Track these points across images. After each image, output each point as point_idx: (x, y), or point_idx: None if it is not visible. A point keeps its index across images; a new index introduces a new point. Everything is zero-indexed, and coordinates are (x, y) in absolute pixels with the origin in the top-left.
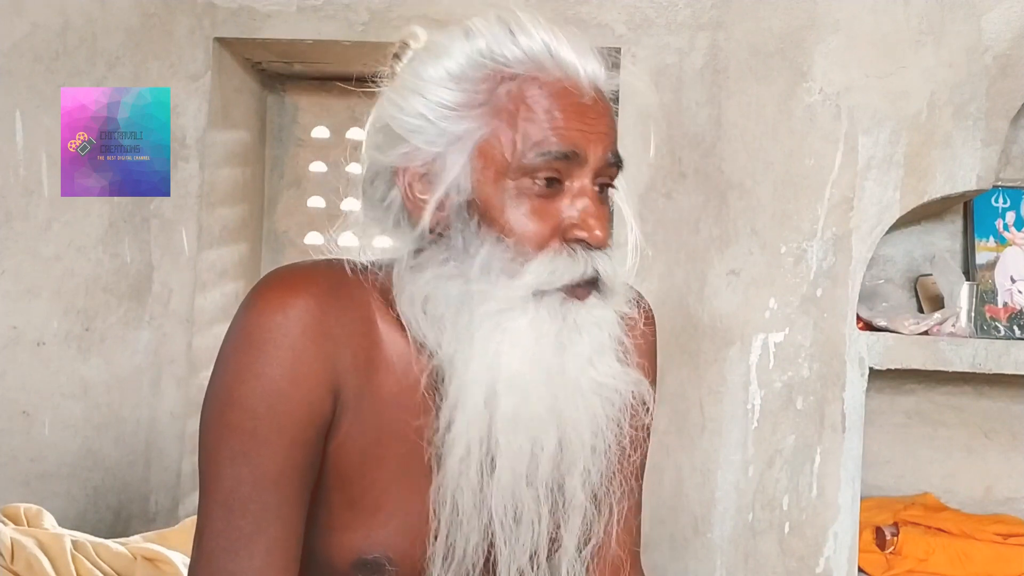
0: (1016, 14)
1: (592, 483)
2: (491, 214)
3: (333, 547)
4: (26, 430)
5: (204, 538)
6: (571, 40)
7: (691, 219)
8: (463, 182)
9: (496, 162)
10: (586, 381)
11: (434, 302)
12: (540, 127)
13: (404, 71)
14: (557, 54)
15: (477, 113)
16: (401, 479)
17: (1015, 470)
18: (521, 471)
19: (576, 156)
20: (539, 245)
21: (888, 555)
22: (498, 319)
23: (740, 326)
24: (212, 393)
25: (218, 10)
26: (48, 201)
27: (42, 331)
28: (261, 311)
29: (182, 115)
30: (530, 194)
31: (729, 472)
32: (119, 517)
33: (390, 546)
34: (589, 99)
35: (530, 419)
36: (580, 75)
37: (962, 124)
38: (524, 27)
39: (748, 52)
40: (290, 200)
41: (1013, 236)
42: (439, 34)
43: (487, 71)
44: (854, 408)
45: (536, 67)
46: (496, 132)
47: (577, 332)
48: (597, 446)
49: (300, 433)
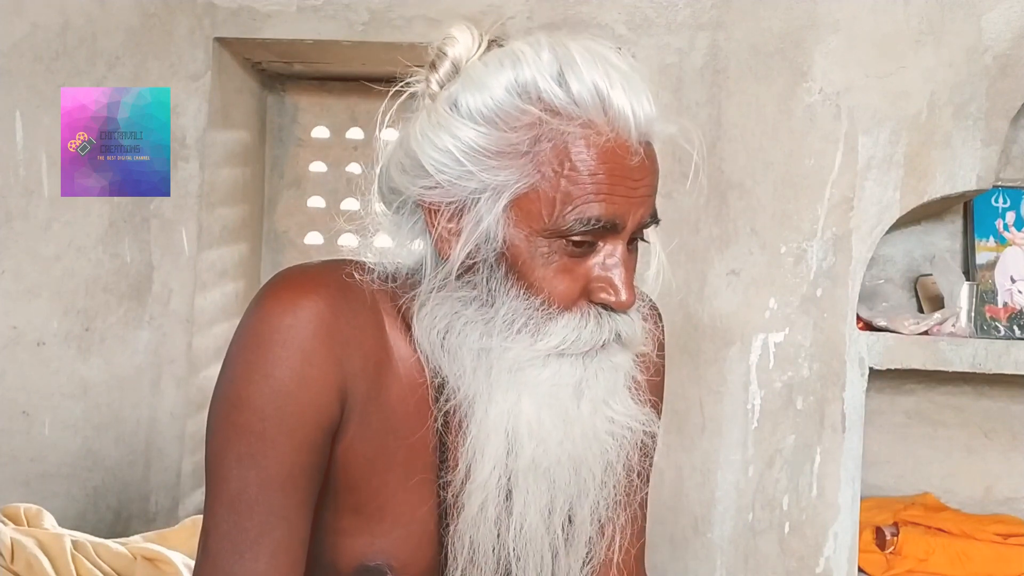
0: (1016, 14)
1: (600, 515)
2: (520, 268)
3: (337, 550)
4: (26, 430)
5: (210, 539)
6: (624, 81)
7: (691, 219)
8: (494, 232)
9: (532, 218)
10: (600, 422)
11: (452, 339)
12: (583, 191)
13: (440, 95)
14: (608, 103)
15: (518, 164)
16: (406, 487)
17: (1015, 470)
18: (539, 513)
19: (615, 226)
20: (566, 305)
21: (888, 555)
22: (519, 373)
23: (740, 326)
24: (220, 394)
25: (218, 10)
26: (48, 201)
27: (42, 331)
28: (270, 312)
29: (182, 115)
30: (561, 252)
31: (729, 472)
32: (119, 517)
33: (393, 555)
34: (638, 160)
35: (548, 465)
36: (631, 132)
37: (962, 124)
38: (576, 67)
39: (748, 52)
40: (290, 200)
41: (1013, 236)
42: (481, 60)
43: (531, 117)
44: (854, 408)
45: (585, 120)
46: (536, 188)
47: (595, 377)
48: (607, 481)
49: (308, 435)
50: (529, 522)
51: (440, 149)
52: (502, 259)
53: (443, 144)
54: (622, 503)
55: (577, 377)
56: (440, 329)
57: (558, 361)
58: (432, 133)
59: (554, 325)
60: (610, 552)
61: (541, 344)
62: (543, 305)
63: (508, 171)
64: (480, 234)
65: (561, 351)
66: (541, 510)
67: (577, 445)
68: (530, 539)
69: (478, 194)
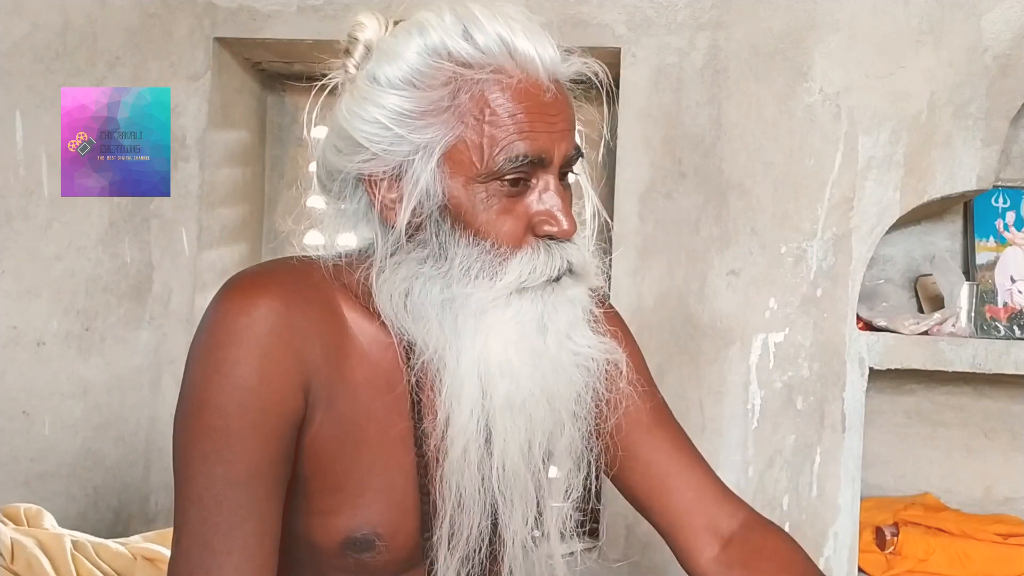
0: (1016, 14)
1: (576, 447)
2: (464, 217)
3: (318, 530)
4: (26, 430)
5: (181, 536)
6: (526, 28)
7: (691, 219)
8: (433, 188)
9: (465, 167)
10: (566, 355)
11: (415, 300)
12: (506, 132)
13: (359, 75)
14: (514, 49)
15: (442, 120)
16: (382, 458)
17: (1015, 470)
18: (519, 450)
19: (542, 160)
20: (514, 243)
21: (888, 555)
22: (483, 316)
23: (740, 326)
24: (183, 396)
25: (218, 10)
26: (48, 201)
27: (42, 331)
28: (226, 314)
29: (182, 115)
30: (499, 195)
31: (729, 472)
32: (119, 517)
33: (379, 522)
34: (550, 96)
35: (523, 401)
36: (540, 71)
37: (962, 124)
38: (478, 22)
39: (748, 52)
40: (290, 200)
41: (1013, 236)
42: (391, 34)
43: (445, 73)
44: (854, 408)
45: (495, 66)
46: (462, 138)
47: (555, 311)
48: (578, 412)
49: (272, 429)
50: (510, 459)
51: (368, 121)
52: (446, 212)
53: (370, 115)
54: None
55: (538, 312)
56: (401, 292)
57: (519, 299)
58: (359, 108)
59: (508, 264)
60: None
61: (500, 283)
62: (493, 247)
63: (435, 128)
64: (420, 192)
65: (521, 286)
66: (521, 446)
67: (547, 378)
68: (513, 476)
69: (412, 155)
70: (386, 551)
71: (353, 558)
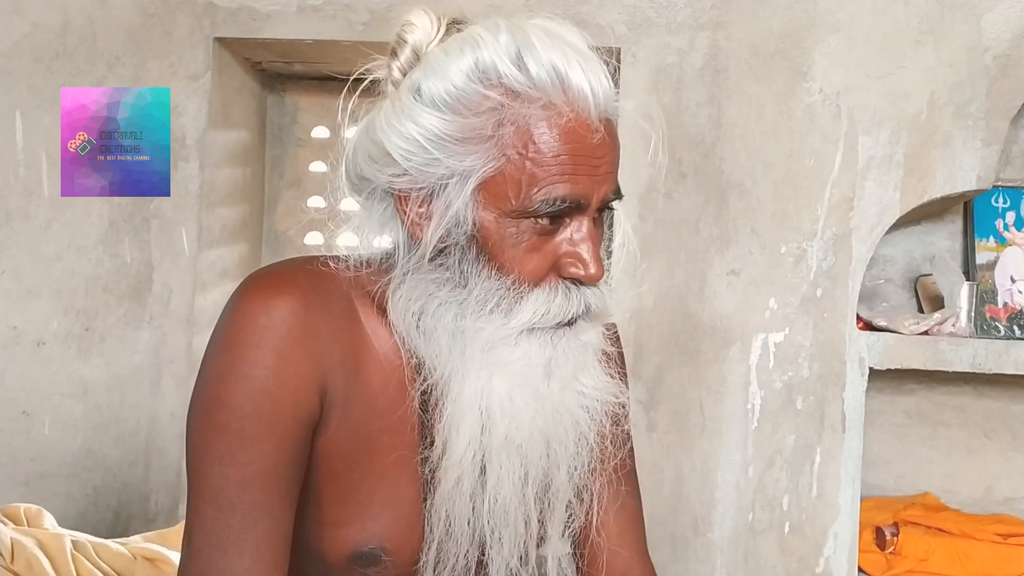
0: (1016, 14)
1: (575, 482)
2: (491, 249)
3: (327, 541)
4: (26, 430)
5: (193, 536)
6: (581, 60)
7: (691, 219)
8: (464, 216)
9: (499, 200)
10: (571, 397)
11: (427, 321)
12: (548, 172)
13: (403, 82)
14: (568, 85)
15: (482, 148)
16: (392, 470)
17: (1015, 470)
18: (512, 487)
19: (579, 204)
20: (536, 282)
21: (888, 555)
22: (491, 351)
23: (740, 326)
24: (198, 394)
25: (218, 10)
26: (48, 201)
27: (42, 331)
28: (244, 314)
29: (182, 115)
30: (530, 231)
31: (729, 472)
32: (119, 517)
33: (385, 537)
34: (599, 138)
35: (522, 442)
36: (591, 110)
37: (962, 124)
38: (533, 49)
39: (748, 52)
40: (290, 200)
41: (1013, 236)
42: (441, 46)
43: (492, 101)
44: (854, 408)
45: (545, 101)
46: (501, 171)
47: (564, 357)
48: (580, 450)
49: (287, 431)
50: (503, 496)
51: (406, 138)
52: (472, 241)
53: (408, 133)
54: (597, 470)
55: (546, 357)
56: (415, 311)
57: (528, 339)
58: (397, 122)
59: (524, 303)
60: (589, 517)
61: (513, 322)
62: (514, 284)
63: (474, 156)
64: (450, 218)
65: (532, 326)
66: (515, 484)
67: (549, 421)
68: (504, 512)
69: (446, 179)
70: (392, 567)
71: (360, 572)
